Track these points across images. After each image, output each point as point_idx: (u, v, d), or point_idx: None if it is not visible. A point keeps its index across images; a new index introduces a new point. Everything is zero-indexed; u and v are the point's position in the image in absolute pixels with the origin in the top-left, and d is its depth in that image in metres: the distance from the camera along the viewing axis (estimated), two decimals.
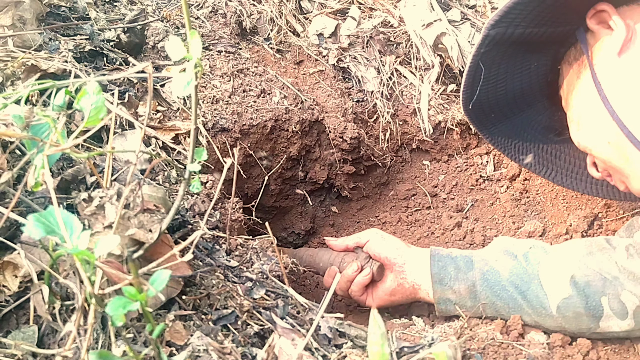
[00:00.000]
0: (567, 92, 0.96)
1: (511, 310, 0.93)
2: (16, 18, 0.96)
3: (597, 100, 0.85)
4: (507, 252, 0.98)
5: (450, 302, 0.97)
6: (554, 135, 1.14)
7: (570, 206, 1.30)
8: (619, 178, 0.91)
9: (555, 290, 0.90)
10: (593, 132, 0.88)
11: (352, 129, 1.32)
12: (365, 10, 1.52)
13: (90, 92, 0.51)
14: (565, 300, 0.89)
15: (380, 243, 1.06)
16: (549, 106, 1.11)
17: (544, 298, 0.91)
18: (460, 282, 0.96)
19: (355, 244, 1.09)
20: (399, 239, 1.08)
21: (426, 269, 1.00)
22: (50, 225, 0.45)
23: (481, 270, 0.97)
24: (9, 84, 0.85)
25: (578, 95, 0.91)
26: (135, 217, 0.60)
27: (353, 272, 1.05)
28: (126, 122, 0.91)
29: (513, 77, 1.02)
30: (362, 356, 0.66)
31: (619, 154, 0.85)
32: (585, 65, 0.89)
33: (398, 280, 1.03)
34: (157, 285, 0.45)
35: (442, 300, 0.98)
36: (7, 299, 0.63)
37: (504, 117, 1.13)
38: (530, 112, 1.13)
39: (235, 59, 1.29)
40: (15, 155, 0.74)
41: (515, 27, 0.87)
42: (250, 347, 0.66)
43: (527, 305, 0.92)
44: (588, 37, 0.90)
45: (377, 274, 1.05)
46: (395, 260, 1.03)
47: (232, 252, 0.83)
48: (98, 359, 0.47)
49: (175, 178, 0.90)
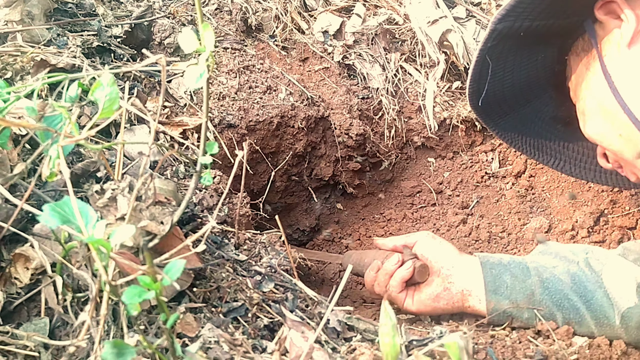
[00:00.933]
0: (576, 84, 0.94)
1: (571, 322, 0.88)
2: (24, 13, 0.96)
3: (607, 92, 0.84)
4: (566, 258, 0.93)
5: (504, 314, 0.91)
6: (562, 125, 1.12)
7: (576, 202, 1.30)
8: (631, 169, 0.90)
9: (621, 299, 0.85)
10: (604, 124, 0.87)
11: (358, 126, 1.32)
12: (370, 7, 1.52)
13: (105, 84, 0.51)
14: (630, 309, 0.84)
15: (431, 244, 1.00)
16: (556, 96, 1.09)
17: (608, 308, 0.86)
18: (517, 292, 0.90)
19: (403, 243, 1.03)
20: (452, 245, 1.02)
21: (477, 275, 0.94)
22: (65, 215, 0.45)
23: (540, 278, 0.91)
24: (18, 79, 0.85)
25: (588, 88, 0.90)
26: (147, 210, 0.61)
27: (393, 265, 0.99)
28: (135, 117, 0.91)
29: (520, 69, 1.00)
30: (370, 349, 0.66)
31: (630, 146, 0.84)
32: (595, 57, 0.88)
33: (445, 285, 0.96)
34: (172, 274, 0.46)
35: (496, 311, 0.91)
36: (19, 291, 0.63)
37: (511, 110, 1.11)
38: (537, 103, 1.11)
39: (241, 56, 1.29)
40: (25, 149, 0.74)
41: (523, 20, 0.86)
42: (260, 340, 0.66)
43: (590, 316, 0.87)
44: (596, 28, 0.88)
45: (418, 273, 0.98)
46: (443, 263, 0.97)
47: (240, 246, 0.83)
48: (112, 349, 0.47)
49: (183, 173, 0.90)
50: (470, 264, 0.96)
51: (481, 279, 0.93)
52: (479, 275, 0.94)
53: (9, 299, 0.62)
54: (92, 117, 0.69)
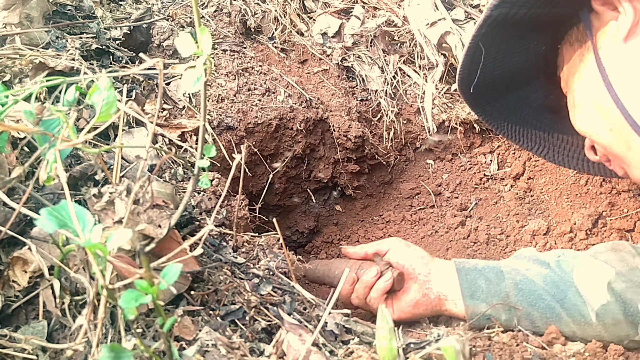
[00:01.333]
0: (568, 75, 0.92)
1: (549, 321, 0.89)
2: (23, 16, 0.96)
3: (600, 86, 0.82)
4: (538, 261, 0.95)
5: (484, 317, 0.92)
6: (549, 113, 1.11)
7: (574, 205, 1.30)
8: (619, 164, 0.89)
9: (593, 297, 0.87)
10: (595, 118, 0.85)
11: (357, 128, 1.32)
12: (369, 9, 1.52)
13: (102, 88, 0.51)
14: (603, 306, 0.85)
15: (404, 251, 1.00)
16: (545, 85, 1.08)
17: (582, 306, 0.87)
18: (493, 296, 0.92)
19: (375, 251, 1.03)
20: (423, 249, 1.03)
21: (453, 280, 0.96)
22: (62, 219, 0.46)
23: (513, 280, 0.92)
24: (16, 82, 0.85)
25: (580, 80, 0.88)
26: (145, 213, 0.61)
27: (372, 277, 0.99)
28: (133, 119, 0.91)
29: (511, 56, 0.98)
30: (368, 352, 0.67)
31: (621, 141, 0.82)
32: (589, 49, 0.85)
33: (423, 291, 0.97)
34: (169, 278, 0.46)
35: (475, 315, 0.92)
36: (17, 294, 0.63)
37: (499, 96, 1.09)
38: (525, 90, 1.10)
39: (240, 58, 1.29)
40: (24, 152, 0.75)
41: (519, 7, 0.83)
42: (258, 343, 0.66)
43: (565, 314, 0.88)
44: (592, 19, 0.85)
45: (397, 282, 0.98)
46: (420, 269, 0.98)
47: (238, 248, 0.83)
48: (109, 352, 0.48)
49: (181, 175, 0.90)
50: (446, 269, 0.98)
51: (457, 284, 0.95)
52: (454, 280, 0.95)
53: (7, 302, 0.62)
54: (90, 120, 0.69)
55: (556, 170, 1.37)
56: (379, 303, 0.99)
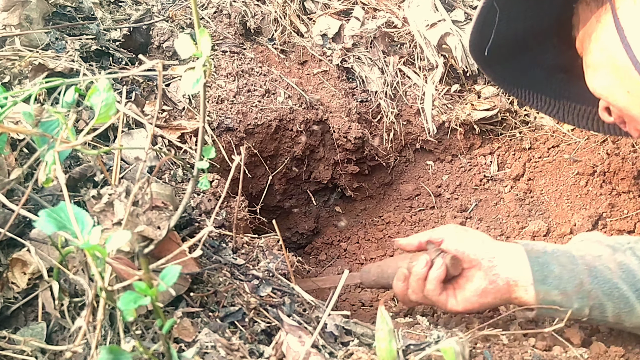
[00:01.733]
0: (584, 36, 0.89)
1: (621, 312, 0.82)
2: (23, 17, 0.96)
3: (619, 47, 0.79)
4: (610, 247, 0.88)
5: (554, 305, 0.85)
6: (561, 73, 1.07)
7: (574, 206, 1.30)
8: (634, 126, 0.86)
9: None
10: (612, 80, 0.83)
11: (356, 129, 1.32)
12: (369, 10, 1.52)
13: (101, 89, 0.51)
14: None
15: (462, 236, 0.92)
16: (558, 45, 1.03)
17: None
18: (566, 282, 0.84)
19: (427, 240, 0.94)
20: (482, 232, 0.95)
21: (523, 264, 0.87)
22: (61, 221, 0.46)
23: (588, 266, 0.85)
24: (16, 83, 0.85)
25: (597, 41, 0.84)
26: (144, 214, 0.61)
27: (422, 267, 0.90)
28: (132, 120, 0.91)
29: (525, 16, 0.94)
30: (368, 354, 0.66)
31: (638, 103, 0.80)
32: (607, 9, 0.82)
33: (490, 278, 0.87)
34: (168, 280, 0.46)
35: (545, 303, 0.85)
36: (16, 295, 0.63)
37: (510, 56, 1.04)
38: (537, 50, 1.05)
39: (240, 59, 1.29)
40: (23, 153, 0.74)
41: None
42: (257, 344, 0.66)
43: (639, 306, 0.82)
44: None
45: (452, 268, 0.89)
46: (483, 254, 0.89)
47: (238, 250, 0.83)
48: (108, 354, 0.47)
49: (181, 177, 0.90)
50: (513, 252, 0.89)
51: (528, 268, 0.86)
52: (524, 264, 0.87)
53: (6, 304, 0.62)
54: (90, 121, 0.69)
55: (556, 171, 1.37)
56: (438, 295, 0.91)
